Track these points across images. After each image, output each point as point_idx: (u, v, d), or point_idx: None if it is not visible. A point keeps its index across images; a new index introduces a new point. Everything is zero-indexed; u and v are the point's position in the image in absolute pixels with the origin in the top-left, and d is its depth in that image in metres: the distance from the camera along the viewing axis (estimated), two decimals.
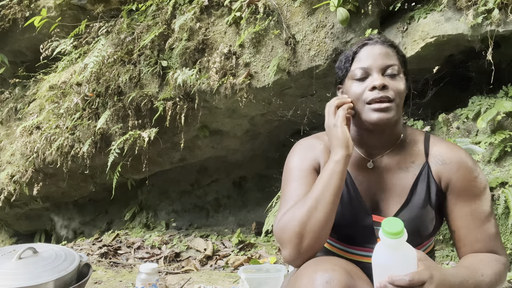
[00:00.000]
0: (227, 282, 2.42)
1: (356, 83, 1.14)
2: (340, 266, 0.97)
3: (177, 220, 4.33)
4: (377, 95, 1.09)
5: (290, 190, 1.17)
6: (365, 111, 1.12)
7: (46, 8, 3.83)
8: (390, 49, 1.16)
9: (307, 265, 1.01)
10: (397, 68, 1.13)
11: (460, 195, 1.11)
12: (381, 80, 1.09)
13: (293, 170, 1.20)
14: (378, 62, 1.12)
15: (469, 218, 1.10)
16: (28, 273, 1.23)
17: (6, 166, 4.11)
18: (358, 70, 1.14)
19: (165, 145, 3.47)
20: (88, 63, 3.23)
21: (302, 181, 1.16)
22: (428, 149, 1.17)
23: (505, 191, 2.22)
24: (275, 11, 2.77)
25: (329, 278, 0.93)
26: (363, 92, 1.12)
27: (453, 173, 1.12)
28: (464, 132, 2.58)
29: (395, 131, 1.17)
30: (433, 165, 1.14)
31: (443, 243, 2.53)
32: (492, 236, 1.10)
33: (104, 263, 2.97)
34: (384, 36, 1.21)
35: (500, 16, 2.20)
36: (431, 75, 2.71)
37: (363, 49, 1.16)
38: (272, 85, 2.80)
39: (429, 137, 1.20)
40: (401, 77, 1.14)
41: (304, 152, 1.23)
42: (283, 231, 1.06)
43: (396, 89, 1.11)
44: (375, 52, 1.14)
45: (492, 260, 1.06)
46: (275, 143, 3.78)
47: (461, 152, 1.15)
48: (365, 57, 1.14)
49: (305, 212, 1.04)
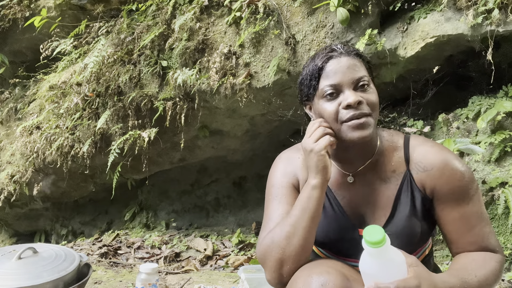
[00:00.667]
0: (227, 282, 2.42)
1: (328, 101, 1.08)
2: (335, 269, 0.96)
3: (177, 220, 4.33)
4: (354, 112, 1.04)
5: (271, 210, 1.16)
6: (343, 130, 1.07)
7: (46, 8, 3.83)
8: (357, 59, 1.10)
9: (303, 268, 1.00)
10: (367, 79, 1.08)
11: (447, 200, 1.07)
12: (355, 97, 1.04)
13: (273, 187, 1.19)
14: (348, 77, 1.06)
15: (459, 223, 1.07)
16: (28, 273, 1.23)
17: (6, 166, 4.11)
18: (327, 88, 1.07)
19: (165, 145, 3.47)
20: (88, 63, 3.23)
21: (282, 200, 1.15)
22: (409, 155, 1.12)
23: (505, 191, 2.22)
24: (275, 11, 2.77)
25: (325, 281, 0.92)
26: (337, 110, 1.07)
27: (436, 179, 1.07)
28: (464, 132, 2.58)
29: (373, 142, 1.14)
30: (415, 173, 1.10)
31: (443, 243, 2.53)
32: (485, 236, 1.07)
33: (104, 263, 2.97)
34: (347, 46, 1.15)
35: (500, 16, 2.20)
36: (431, 75, 2.71)
37: (328, 64, 1.09)
38: (272, 85, 2.80)
39: (408, 141, 1.15)
40: (372, 88, 1.10)
41: (284, 167, 1.22)
42: (264, 256, 1.06)
43: (370, 101, 1.07)
44: (343, 66, 1.07)
45: (486, 259, 1.04)
46: (275, 143, 3.77)
47: (443, 154, 1.09)
48: (333, 72, 1.07)
49: (283, 238, 1.03)
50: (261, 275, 1.92)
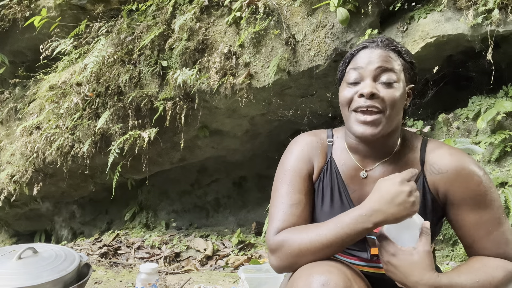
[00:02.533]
0: (227, 282, 2.42)
1: (348, 87, 1.09)
2: (337, 268, 0.95)
3: (177, 220, 4.33)
4: (364, 103, 1.03)
5: (282, 194, 1.12)
6: (350, 119, 1.07)
7: (46, 8, 3.83)
8: (393, 54, 1.07)
9: (304, 268, 1.00)
10: (395, 76, 1.04)
11: (462, 205, 1.04)
12: (370, 88, 1.02)
13: (288, 171, 1.15)
14: (371, 68, 1.05)
15: (474, 228, 1.03)
16: (28, 273, 1.23)
17: (6, 166, 4.11)
18: (351, 73, 1.08)
19: (165, 145, 3.47)
20: (88, 63, 3.23)
21: (295, 187, 1.12)
22: (424, 157, 1.09)
23: (505, 191, 2.22)
24: (275, 11, 2.77)
25: (326, 280, 0.92)
26: (352, 97, 1.06)
27: (451, 183, 1.04)
28: (464, 132, 2.58)
29: (389, 141, 1.11)
30: (428, 174, 1.07)
31: (443, 243, 2.53)
32: (503, 243, 1.03)
33: (104, 263, 2.97)
34: (389, 40, 1.11)
35: (500, 16, 2.20)
36: (431, 75, 2.71)
37: (361, 52, 1.09)
38: (272, 85, 2.80)
39: (426, 143, 1.12)
40: (399, 85, 1.05)
41: (301, 151, 1.17)
42: (280, 248, 1.04)
43: (389, 98, 1.03)
44: (373, 56, 1.06)
45: (498, 266, 1.00)
46: (275, 143, 3.77)
47: (460, 158, 1.06)
48: (361, 60, 1.07)
49: (308, 248, 1.00)
50: (261, 275, 1.92)
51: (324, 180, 1.15)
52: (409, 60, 1.11)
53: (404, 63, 1.10)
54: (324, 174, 1.16)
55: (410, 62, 1.11)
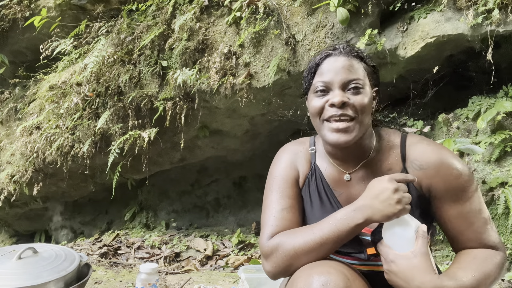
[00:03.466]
0: (227, 282, 2.42)
1: (317, 97, 1.11)
2: (336, 269, 0.96)
3: (177, 220, 4.33)
4: (336, 112, 1.05)
5: (272, 201, 1.16)
6: (323, 129, 1.10)
7: (46, 8, 3.83)
8: (356, 61, 1.10)
9: (303, 268, 1.00)
10: (361, 82, 1.07)
11: (444, 198, 1.07)
12: (340, 97, 1.05)
13: (276, 179, 1.20)
14: (339, 77, 1.07)
15: (457, 220, 1.07)
16: (28, 273, 1.23)
17: (6, 166, 4.11)
18: (319, 83, 1.10)
19: (165, 145, 3.47)
20: (88, 63, 3.23)
21: (284, 193, 1.16)
22: (405, 153, 1.11)
23: (505, 191, 2.22)
24: (275, 11, 2.77)
25: (325, 281, 0.92)
26: (322, 107, 1.09)
27: (432, 177, 1.07)
28: (464, 132, 2.58)
29: (363, 143, 1.13)
30: (411, 171, 1.09)
31: (443, 243, 2.53)
32: (486, 233, 1.06)
33: (104, 263, 2.97)
34: (350, 46, 1.14)
35: (500, 16, 2.20)
36: (431, 75, 2.71)
37: (325, 61, 1.11)
38: (272, 85, 2.80)
39: (405, 139, 1.14)
40: (365, 91, 1.08)
41: (288, 159, 1.23)
42: (275, 252, 1.05)
43: (359, 104, 1.05)
44: (338, 65, 1.08)
45: (487, 256, 1.04)
46: (275, 143, 3.76)
47: (440, 152, 1.09)
48: (326, 70, 1.09)
49: (302, 248, 1.02)
50: (261, 275, 1.92)
51: (310, 186, 1.19)
52: (371, 64, 1.15)
53: (367, 68, 1.13)
54: (310, 180, 1.19)
55: (372, 66, 1.15)
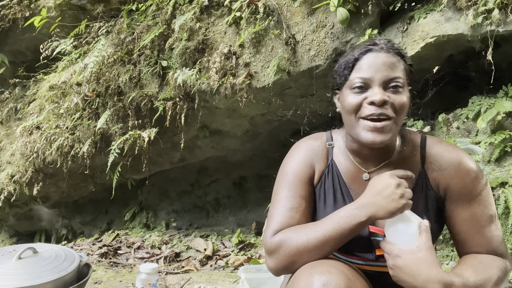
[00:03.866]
0: (227, 282, 2.42)
1: (354, 93, 1.06)
2: (337, 268, 0.96)
3: (177, 220, 4.33)
4: (375, 111, 1.01)
5: (282, 198, 1.13)
6: (359, 126, 1.05)
7: (46, 8, 3.83)
8: (396, 58, 1.06)
9: (304, 268, 1.00)
10: (401, 81, 1.03)
11: (459, 199, 1.07)
12: (381, 96, 1.01)
13: (288, 175, 1.16)
14: (381, 74, 1.02)
15: (468, 223, 1.06)
16: (28, 273, 1.23)
17: (6, 166, 4.11)
18: (357, 80, 1.05)
19: (165, 145, 3.46)
20: (88, 63, 3.23)
21: (295, 191, 1.13)
22: (425, 155, 1.11)
23: (505, 191, 2.22)
24: (275, 11, 2.77)
25: (326, 280, 0.92)
26: (360, 104, 1.04)
27: (451, 178, 1.07)
28: (464, 132, 2.58)
29: (391, 144, 1.12)
30: (430, 172, 1.09)
31: (443, 243, 2.53)
32: (494, 239, 1.06)
33: (104, 263, 2.97)
34: (391, 42, 1.10)
35: (500, 16, 2.20)
36: (431, 75, 2.71)
37: (365, 56, 1.06)
38: (272, 85, 2.80)
39: (425, 141, 1.13)
40: (405, 90, 1.05)
41: (302, 155, 1.18)
42: (278, 249, 1.04)
43: (398, 104, 1.02)
44: (379, 62, 1.03)
45: (492, 262, 1.03)
46: (275, 143, 3.77)
47: (459, 154, 1.09)
48: (367, 66, 1.04)
49: (306, 246, 1.01)
50: (261, 275, 1.92)
51: (326, 183, 1.16)
52: (410, 63, 1.11)
53: (407, 67, 1.09)
54: (326, 177, 1.16)
55: (410, 65, 1.11)
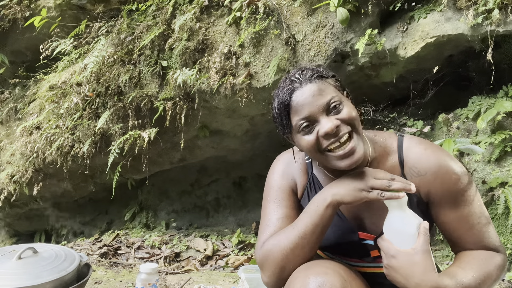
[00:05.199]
0: (227, 282, 2.42)
1: (305, 134, 1.04)
2: (332, 269, 0.97)
3: (177, 220, 4.33)
4: (334, 139, 1.01)
5: (269, 212, 1.17)
6: (329, 159, 1.05)
7: (46, 8, 3.83)
8: (320, 82, 1.04)
9: (300, 270, 1.01)
10: (337, 99, 1.03)
11: (443, 202, 1.07)
12: (331, 124, 1.00)
13: (272, 189, 1.20)
14: (316, 105, 1.01)
15: (457, 224, 1.06)
16: (28, 273, 1.23)
17: (6, 166, 4.11)
18: (300, 122, 1.03)
19: (165, 145, 3.46)
20: (88, 63, 3.23)
21: (280, 203, 1.17)
22: (403, 159, 1.10)
23: (505, 191, 2.22)
24: (275, 11, 2.77)
25: (322, 281, 0.93)
26: (316, 140, 1.03)
27: (431, 184, 1.06)
28: (464, 132, 2.58)
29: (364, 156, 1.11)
30: (409, 177, 1.08)
31: (443, 243, 2.53)
32: (486, 235, 1.06)
33: (104, 263, 2.97)
34: (305, 71, 1.08)
35: (500, 16, 2.20)
36: (431, 75, 2.71)
37: (293, 97, 1.04)
38: (272, 85, 2.80)
39: (402, 143, 1.12)
40: (346, 103, 1.05)
41: (283, 169, 1.22)
42: (266, 259, 1.07)
43: (347, 119, 1.02)
44: (307, 96, 1.02)
45: (487, 258, 1.04)
46: (275, 143, 3.77)
47: (437, 157, 1.07)
48: (300, 106, 1.03)
49: (289, 247, 1.03)
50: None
51: (310, 196, 1.17)
52: (331, 75, 1.10)
53: (332, 82, 1.08)
54: (309, 191, 1.19)
55: (332, 76, 1.10)
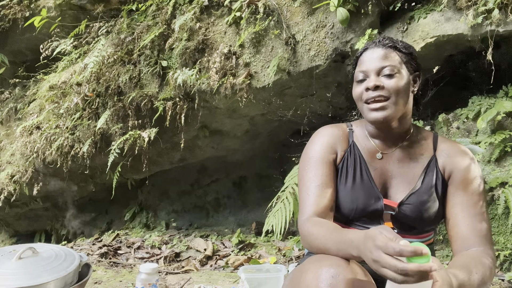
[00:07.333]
0: (227, 282, 2.42)
1: (357, 84, 1.26)
2: (345, 262, 1.00)
3: (177, 220, 4.33)
4: (372, 94, 1.20)
5: (307, 180, 1.25)
6: (364, 110, 1.25)
7: (46, 8, 3.83)
8: (390, 50, 1.24)
9: (311, 261, 1.04)
10: (394, 68, 1.21)
11: (458, 184, 1.21)
12: (373, 82, 1.20)
13: (311, 158, 1.28)
14: (373, 65, 1.22)
15: (463, 207, 1.18)
16: (28, 273, 1.23)
17: (6, 166, 4.11)
18: (359, 73, 1.26)
19: (165, 145, 3.47)
20: (88, 63, 3.23)
21: (320, 172, 1.25)
22: (436, 145, 1.29)
23: (505, 191, 2.22)
24: (275, 11, 2.77)
25: (335, 272, 0.95)
26: (362, 92, 1.24)
27: (455, 166, 1.23)
28: (464, 132, 2.58)
29: (403, 125, 1.26)
30: (440, 158, 1.25)
31: (443, 243, 2.53)
32: (483, 229, 1.15)
33: (104, 263, 2.97)
34: (386, 38, 1.29)
35: (500, 16, 2.21)
36: (431, 75, 2.71)
37: (364, 53, 1.27)
38: (272, 85, 2.80)
39: (437, 136, 1.32)
40: (401, 75, 1.21)
41: (325, 140, 1.31)
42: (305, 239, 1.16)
43: (391, 87, 1.19)
44: (373, 56, 1.24)
45: (482, 257, 1.09)
46: (275, 143, 3.77)
47: (465, 150, 1.27)
48: (364, 60, 1.26)
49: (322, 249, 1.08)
50: (261, 275, 1.92)
51: (348, 161, 1.29)
52: (408, 52, 1.26)
53: (403, 55, 1.25)
54: (348, 156, 1.30)
55: (409, 53, 1.26)
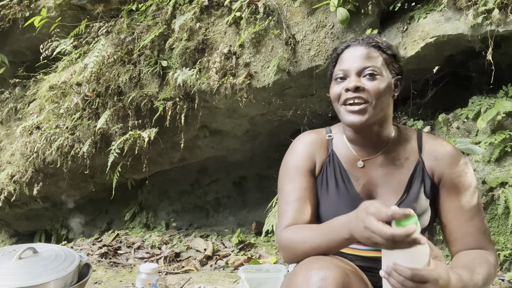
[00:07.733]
0: (227, 282, 2.42)
1: (336, 84, 1.19)
2: (335, 264, 0.98)
3: (177, 220, 4.33)
4: (350, 95, 1.13)
5: (286, 192, 1.20)
6: (341, 112, 1.17)
7: (46, 8, 3.83)
8: (373, 50, 1.16)
9: (302, 264, 1.03)
10: (377, 69, 1.13)
11: (451, 188, 1.14)
12: (354, 82, 1.12)
13: (290, 170, 1.23)
14: (355, 64, 1.14)
15: (459, 212, 1.12)
16: (28, 273, 1.23)
17: (6, 166, 4.11)
18: (338, 71, 1.18)
19: (165, 145, 3.47)
20: (88, 63, 3.23)
21: (299, 185, 1.19)
22: (421, 146, 1.20)
23: (505, 191, 2.22)
24: (275, 11, 2.77)
25: (324, 275, 0.94)
26: (340, 92, 1.16)
27: (445, 168, 1.15)
28: (464, 132, 2.58)
29: (383, 131, 1.19)
30: (427, 161, 1.17)
31: (443, 243, 2.53)
32: (482, 230, 1.12)
33: (104, 263, 2.97)
34: (371, 37, 1.21)
35: (500, 16, 2.21)
36: (431, 75, 2.71)
37: (345, 51, 1.19)
38: (272, 85, 2.80)
39: (421, 135, 1.23)
40: (382, 78, 1.13)
41: (303, 149, 1.25)
42: (286, 249, 1.12)
43: (372, 89, 1.11)
44: (355, 54, 1.16)
45: (484, 257, 1.08)
46: (275, 143, 3.77)
47: (453, 148, 1.19)
48: (345, 59, 1.18)
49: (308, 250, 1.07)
50: (261, 275, 1.92)
51: (328, 171, 1.22)
52: (391, 54, 1.19)
53: (386, 57, 1.17)
54: (327, 166, 1.23)
55: (392, 55, 1.19)
